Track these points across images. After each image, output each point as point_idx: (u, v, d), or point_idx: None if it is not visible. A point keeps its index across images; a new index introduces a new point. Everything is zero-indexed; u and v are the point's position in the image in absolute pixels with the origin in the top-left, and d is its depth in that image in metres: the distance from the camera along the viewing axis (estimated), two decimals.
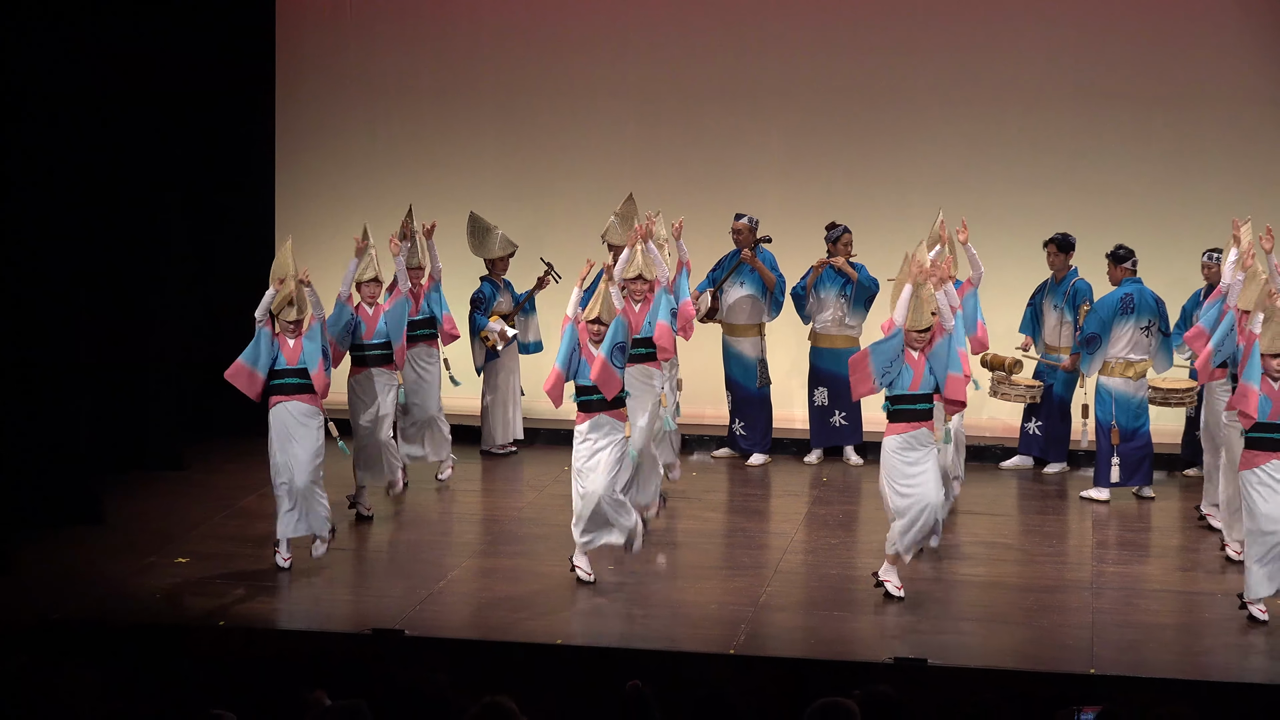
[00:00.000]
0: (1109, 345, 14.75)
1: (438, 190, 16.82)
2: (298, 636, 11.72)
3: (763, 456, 16.08)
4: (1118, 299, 14.77)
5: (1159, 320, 14.76)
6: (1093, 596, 12.51)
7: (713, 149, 16.97)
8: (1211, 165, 16.35)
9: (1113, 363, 14.78)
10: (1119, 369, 14.78)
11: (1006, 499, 15.11)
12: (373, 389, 14.08)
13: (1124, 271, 14.84)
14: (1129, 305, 14.75)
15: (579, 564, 12.55)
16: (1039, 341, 15.61)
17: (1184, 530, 14.27)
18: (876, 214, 16.46)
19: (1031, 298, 15.66)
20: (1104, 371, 14.82)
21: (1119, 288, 14.81)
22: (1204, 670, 11.19)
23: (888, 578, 12.31)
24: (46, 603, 12.03)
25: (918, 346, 12.09)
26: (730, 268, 15.81)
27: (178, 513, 14.28)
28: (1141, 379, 14.81)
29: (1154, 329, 14.75)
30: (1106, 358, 14.78)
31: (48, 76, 13.73)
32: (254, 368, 12.76)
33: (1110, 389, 14.81)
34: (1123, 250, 14.86)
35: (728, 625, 11.82)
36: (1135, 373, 14.77)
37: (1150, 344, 14.76)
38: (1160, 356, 14.83)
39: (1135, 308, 14.74)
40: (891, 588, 12.29)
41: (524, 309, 16.10)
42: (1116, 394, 14.79)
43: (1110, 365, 14.79)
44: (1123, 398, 14.79)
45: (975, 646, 11.66)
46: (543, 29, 17.03)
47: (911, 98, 16.69)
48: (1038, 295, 15.65)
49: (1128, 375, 14.77)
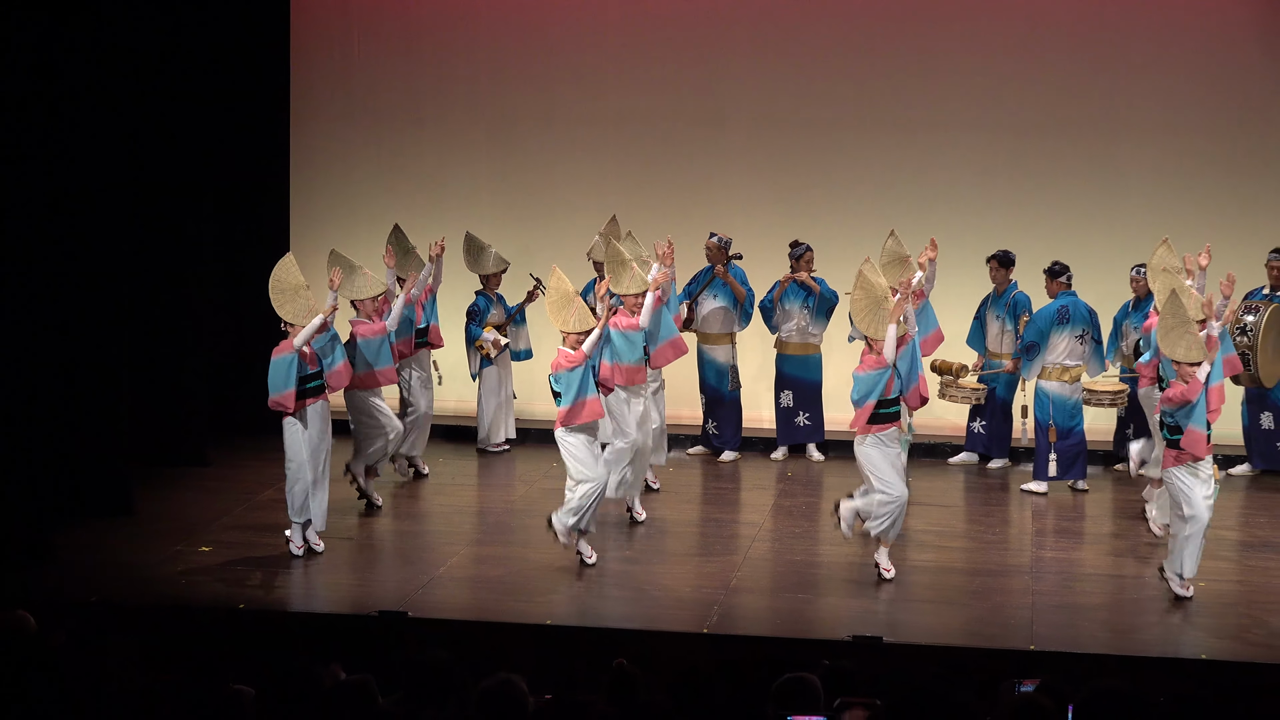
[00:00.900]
0: (1047, 352, 14.76)
1: (437, 211, 16.79)
2: (310, 618, 11.70)
3: (734, 453, 16.06)
4: (1054, 310, 14.77)
5: (1091, 329, 14.77)
6: (1032, 580, 12.50)
7: (687, 174, 16.95)
8: (1134, 189, 16.35)
9: (1050, 368, 14.78)
10: (1055, 373, 14.78)
11: (954, 491, 15.10)
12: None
13: (1059, 285, 14.84)
14: (1064, 316, 14.75)
15: (580, 548, 12.57)
16: (983, 349, 15.61)
17: (1115, 519, 14.27)
18: (835, 233, 16.43)
19: (977, 312, 15.65)
20: (1042, 375, 14.82)
21: (1055, 300, 14.80)
22: (1134, 646, 11.20)
23: (880, 560, 12.41)
24: (83, 586, 12.04)
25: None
26: (705, 282, 15.79)
27: (201, 505, 14.24)
28: (1076, 382, 14.81)
29: (1087, 337, 14.75)
30: (1045, 363, 14.78)
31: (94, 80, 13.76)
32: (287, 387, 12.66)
33: (1048, 391, 14.81)
34: (1058, 266, 14.86)
35: (702, 606, 11.80)
36: (1070, 377, 14.77)
37: (1084, 351, 14.76)
38: (1093, 362, 14.84)
39: (1070, 318, 14.74)
40: (881, 570, 12.36)
41: (515, 320, 16.08)
42: (1054, 396, 14.79)
43: (1048, 370, 14.79)
44: (1059, 399, 14.78)
45: (926, 625, 11.65)
46: (533, 64, 17.00)
47: (865, 127, 16.68)
48: (982, 308, 15.64)
49: (1064, 379, 14.77)
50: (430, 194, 17.12)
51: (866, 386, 12.14)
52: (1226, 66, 16.12)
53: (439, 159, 17.21)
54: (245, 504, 14.29)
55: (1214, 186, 16.23)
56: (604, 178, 16.99)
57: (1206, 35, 16.12)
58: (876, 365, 12.14)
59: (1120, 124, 16.35)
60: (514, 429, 16.23)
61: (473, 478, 15.53)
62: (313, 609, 11.97)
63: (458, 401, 16.32)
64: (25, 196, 13.25)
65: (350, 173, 17.30)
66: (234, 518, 13.93)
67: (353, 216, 17.13)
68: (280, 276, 12.78)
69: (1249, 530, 13.85)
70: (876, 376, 12.12)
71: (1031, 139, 16.48)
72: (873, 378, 12.13)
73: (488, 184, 17.21)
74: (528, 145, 17.12)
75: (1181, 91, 16.21)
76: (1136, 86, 16.28)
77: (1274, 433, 15.20)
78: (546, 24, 16.95)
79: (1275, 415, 15.17)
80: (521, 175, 17.15)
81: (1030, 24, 16.37)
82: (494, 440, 16.12)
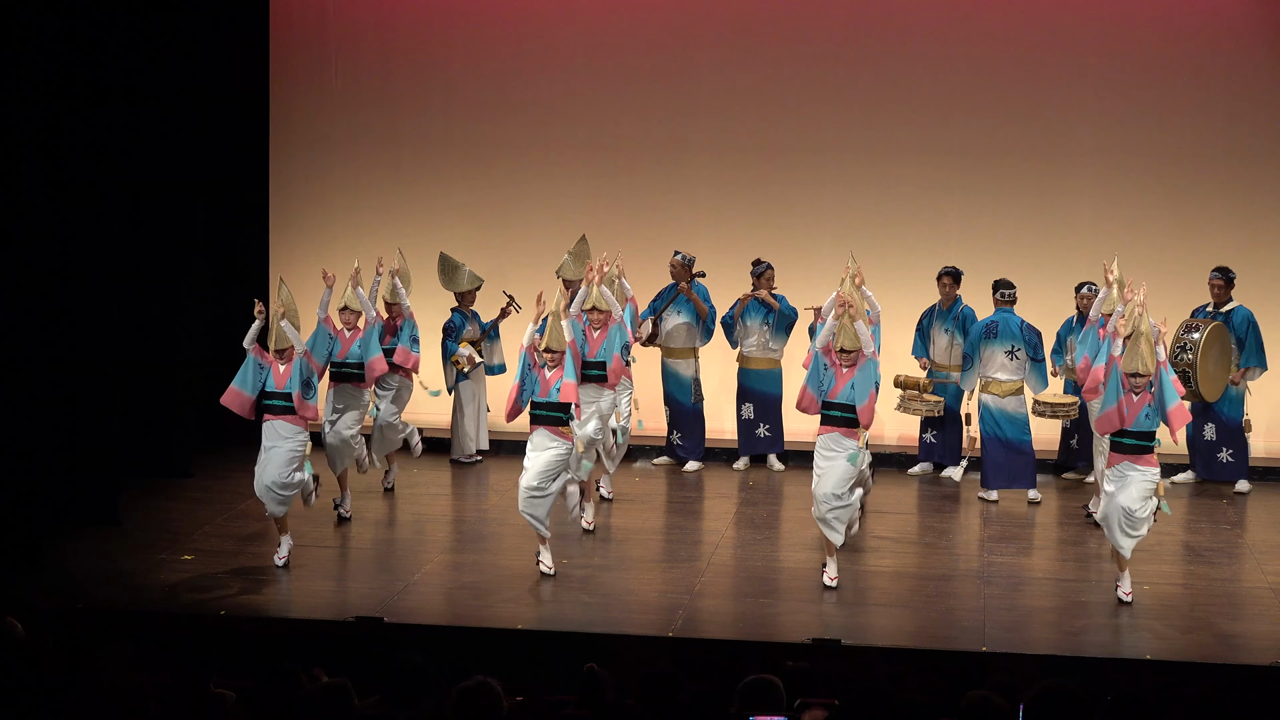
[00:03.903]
0: (981, 365, 14.84)
1: (411, 231, 16.77)
2: (288, 624, 11.65)
3: (697, 464, 16.05)
4: (983, 326, 14.87)
5: (1023, 346, 14.75)
6: (984, 584, 12.52)
7: (652, 195, 16.97)
8: (1077, 210, 16.42)
9: (987, 380, 14.85)
10: (992, 386, 14.83)
11: (909, 499, 15.12)
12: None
13: (997, 302, 14.91)
14: (992, 331, 14.81)
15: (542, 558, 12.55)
16: (930, 361, 15.65)
17: (1062, 526, 14.30)
18: (794, 252, 16.47)
19: (920, 323, 15.70)
20: (982, 388, 14.88)
21: (990, 316, 14.89)
22: (1082, 647, 11.23)
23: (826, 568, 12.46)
24: (71, 593, 11.98)
25: (845, 365, 12.17)
26: (669, 299, 15.79)
27: (185, 515, 14.18)
28: (1016, 395, 14.82)
29: (1018, 353, 14.75)
30: (982, 376, 14.86)
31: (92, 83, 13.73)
32: (242, 390, 12.74)
33: (988, 404, 14.87)
34: (997, 283, 14.93)
35: (667, 611, 11.79)
36: (1004, 390, 14.79)
37: (1016, 366, 14.77)
38: (1032, 377, 14.84)
39: (998, 334, 14.79)
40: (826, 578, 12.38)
41: (489, 336, 16.06)
42: (995, 409, 14.84)
43: (985, 383, 14.86)
44: (999, 412, 14.82)
45: (882, 628, 11.66)
46: (506, 90, 16.99)
47: (822, 152, 16.73)
48: (925, 320, 15.68)
49: (998, 392, 14.80)
50: (405, 214, 17.11)
51: (814, 382, 12.28)
52: (1169, 96, 16.21)
53: (414, 180, 17.20)
54: (227, 513, 14.23)
55: (1156, 208, 16.31)
56: (573, 199, 17.00)
57: (1149, 67, 16.22)
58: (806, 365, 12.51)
59: (1066, 149, 16.43)
60: (487, 441, 16.21)
61: (446, 488, 15.50)
62: (291, 615, 11.91)
63: (430, 414, 16.26)
64: (13, 211, 13.18)
65: (328, 193, 17.26)
66: (216, 527, 13.87)
67: (330, 233, 17.11)
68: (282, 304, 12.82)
69: (1192, 536, 13.90)
70: (811, 371, 12.39)
71: (976, 165, 16.57)
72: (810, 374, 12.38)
73: (461, 204, 17.19)
74: (501, 167, 17.11)
75: (1124, 118, 16.31)
76: (1081, 113, 16.37)
77: (1216, 444, 15.26)
78: (519, 51, 16.96)
79: (1218, 427, 15.24)
80: (494, 196, 17.14)
81: (980, 54, 16.44)
82: (467, 451, 16.09)
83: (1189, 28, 16.17)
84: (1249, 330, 15.09)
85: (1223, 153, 16.23)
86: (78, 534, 13.41)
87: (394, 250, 14.95)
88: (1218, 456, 15.27)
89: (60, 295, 13.62)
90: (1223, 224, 16.22)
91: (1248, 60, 16.12)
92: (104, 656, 8.44)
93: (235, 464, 15.58)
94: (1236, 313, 15.15)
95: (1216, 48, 16.14)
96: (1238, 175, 16.24)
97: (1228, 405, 15.18)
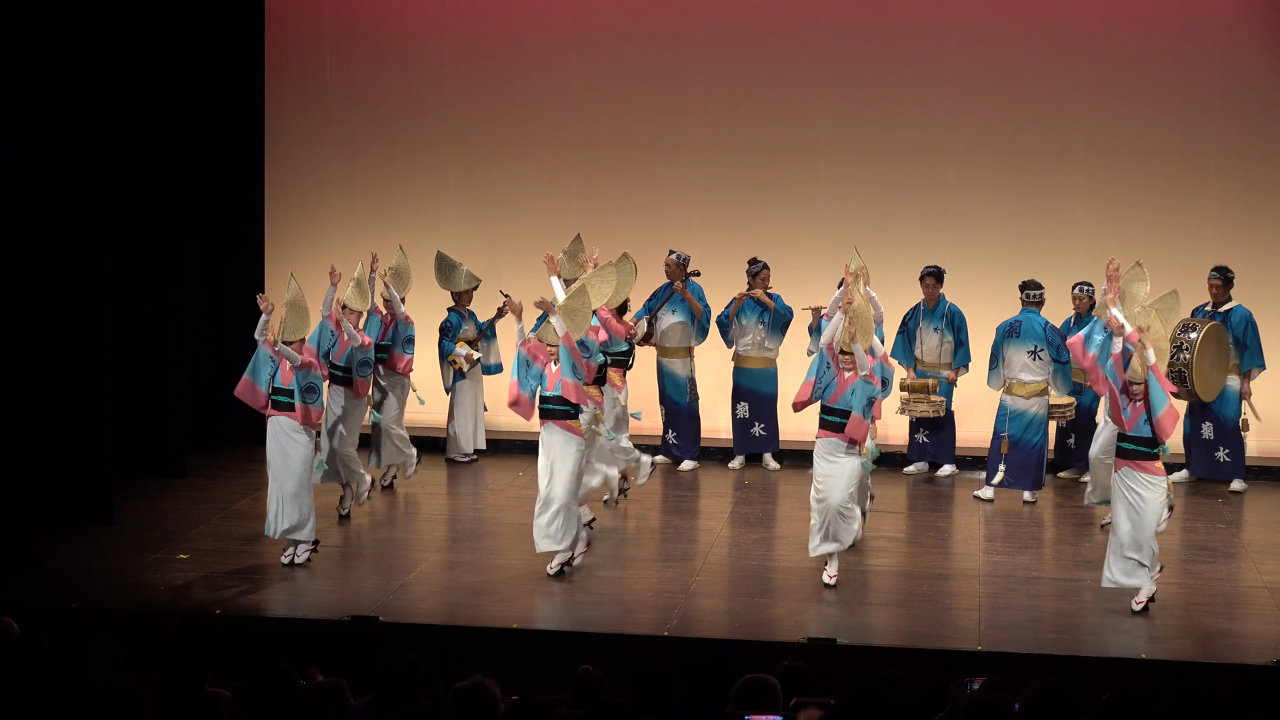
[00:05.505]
0: (1004, 367, 14.80)
1: (407, 230, 16.74)
2: (283, 623, 11.64)
3: (692, 463, 16.05)
4: (1005, 326, 14.83)
5: (1046, 347, 14.73)
6: (980, 583, 12.52)
7: (647, 195, 16.97)
8: (1071, 210, 16.42)
9: (1011, 382, 14.80)
10: (1015, 387, 14.78)
11: (905, 498, 15.11)
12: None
13: (1023, 302, 14.87)
14: (1015, 331, 14.77)
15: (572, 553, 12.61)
16: (912, 362, 15.63)
17: (1059, 525, 14.31)
18: (789, 251, 16.47)
19: (904, 325, 15.66)
20: (1005, 390, 14.83)
21: (1014, 316, 14.85)
22: (1077, 646, 11.23)
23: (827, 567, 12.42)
24: (66, 593, 11.97)
25: (847, 368, 12.15)
26: (664, 298, 15.79)
27: (180, 514, 14.17)
28: (1040, 396, 14.75)
29: (1040, 353, 14.73)
30: (1005, 377, 14.81)
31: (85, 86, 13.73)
32: (255, 382, 12.68)
33: (1008, 404, 14.82)
34: (1024, 283, 14.87)
35: (662, 610, 11.79)
36: (1028, 391, 14.76)
37: (1040, 366, 14.73)
38: (1055, 379, 14.78)
39: (1021, 334, 14.76)
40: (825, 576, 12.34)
41: (486, 335, 16.05)
42: (1010, 409, 14.80)
43: (1009, 384, 14.80)
44: (1014, 412, 14.78)
45: (878, 627, 11.66)
46: (500, 90, 16.99)
47: (816, 152, 16.73)
48: (911, 322, 15.65)
49: (1021, 394, 14.76)
50: (400, 213, 17.11)
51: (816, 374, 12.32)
52: (1163, 95, 16.21)
53: (409, 180, 17.20)
54: (221, 513, 14.22)
55: (1151, 207, 16.31)
56: (568, 198, 17.00)
57: (1143, 66, 16.22)
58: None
59: (1060, 148, 16.43)
60: (484, 440, 16.20)
61: (443, 487, 15.49)
62: (286, 614, 11.90)
63: (427, 414, 16.25)
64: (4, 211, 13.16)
65: (323, 192, 17.26)
66: (211, 526, 13.86)
67: (325, 232, 17.13)
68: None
69: (1187, 535, 13.89)
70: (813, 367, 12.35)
71: (975, 162, 16.56)
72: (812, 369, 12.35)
73: (456, 204, 17.19)
74: (496, 167, 17.11)
75: (1118, 117, 16.30)
76: (1075, 112, 16.37)
77: (1213, 443, 15.26)
78: (513, 51, 16.96)
79: (1215, 426, 15.23)
80: (490, 196, 17.14)
81: (974, 53, 16.43)
82: (464, 451, 16.09)
83: (1183, 27, 16.17)
84: (1247, 330, 15.06)
85: (1217, 151, 16.23)
86: (72, 533, 13.39)
87: (388, 247, 14.93)
88: (1215, 455, 15.27)
89: (53, 294, 13.60)
90: (1217, 223, 16.23)
91: (1242, 59, 16.11)
92: (98, 656, 8.42)
93: (229, 463, 15.61)
94: (1235, 313, 15.13)
95: (1210, 47, 16.15)
96: (1232, 174, 16.23)
97: (1225, 405, 15.17)
